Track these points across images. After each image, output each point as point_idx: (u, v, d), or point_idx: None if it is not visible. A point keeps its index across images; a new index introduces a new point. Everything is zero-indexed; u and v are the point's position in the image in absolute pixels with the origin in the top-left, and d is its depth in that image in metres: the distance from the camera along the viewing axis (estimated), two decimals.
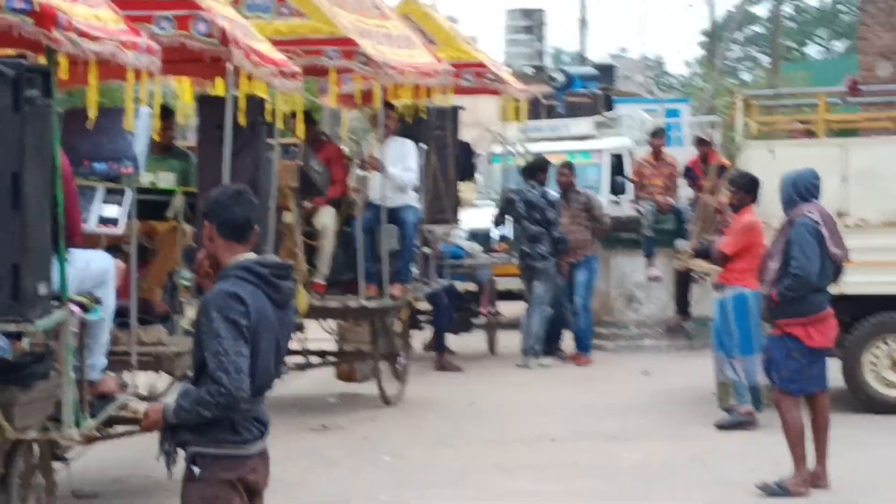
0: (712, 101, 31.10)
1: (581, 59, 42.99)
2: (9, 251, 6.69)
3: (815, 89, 17.96)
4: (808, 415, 10.02)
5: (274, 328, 5.72)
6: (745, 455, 11.06)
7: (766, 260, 10.17)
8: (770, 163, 12.52)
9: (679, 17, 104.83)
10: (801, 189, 10.02)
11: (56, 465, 9.33)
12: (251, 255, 5.74)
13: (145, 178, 11.07)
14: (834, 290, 11.88)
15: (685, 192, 18.06)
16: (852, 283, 12.20)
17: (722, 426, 12.24)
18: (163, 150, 11.08)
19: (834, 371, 12.55)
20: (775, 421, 11.22)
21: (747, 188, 11.96)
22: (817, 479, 9.95)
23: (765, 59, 65.18)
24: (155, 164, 11.12)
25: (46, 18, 6.71)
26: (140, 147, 8.49)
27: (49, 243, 7.07)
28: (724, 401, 12.40)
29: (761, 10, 68.41)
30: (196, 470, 5.61)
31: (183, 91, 11.35)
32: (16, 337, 7.79)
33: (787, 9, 72.72)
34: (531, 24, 44.17)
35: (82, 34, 7.12)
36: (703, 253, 12.79)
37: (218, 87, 10.39)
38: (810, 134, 13.97)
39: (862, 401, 12.77)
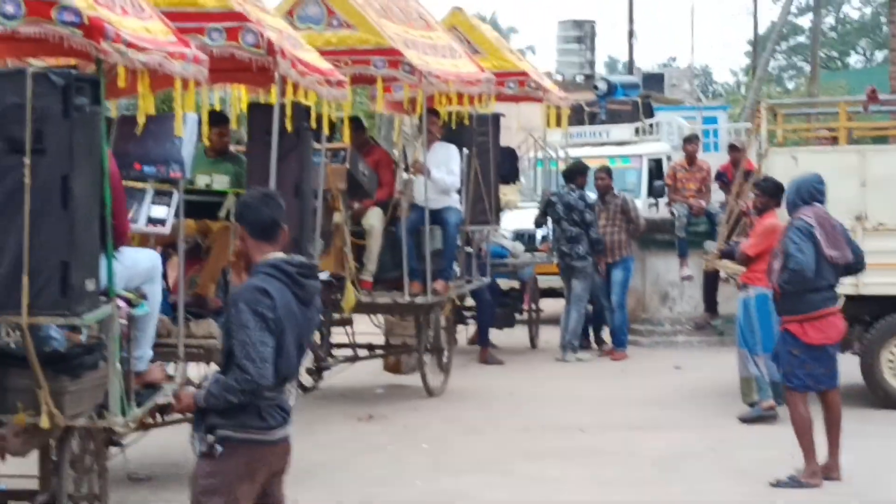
0: (753, 108, 30.92)
1: (630, 68, 42.83)
2: (58, 249, 6.72)
3: (835, 98, 17.86)
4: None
5: (298, 323, 5.84)
6: (762, 447, 11.08)
7: (771, 260, 10.17)
8: (793, 168, 12.46)
9: (726, 27, 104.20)
10: (804, 193, 10.03)
11: (113, 450, 9.56)
12: (280, 255, 5.87)
13: (201, 181, 11.22)
14: (853, 290, 11.96)
15: (718, 195, 18.00)
16: (871, 283, 12.29)
17: (744, 419, 12.26)
18: (218, 154, 11.22)
19: (853, 368, 12.58)
20: None
21: (771, 192, 11.92)
22: (829, 472, 9.95)
23: (808, 68, 64.83)
24: (210, 167, 11.27)
25: (95, 31, 6.77)
26: (187, 151, 8.55)
27: (97, 242, 7.11)
28: (748, 395, 12.39)
29: (805, 21, 67.98)
30: (219, 449, 5.70)
31: (239, 99, 11.45)
32: (71, 329, 7.93)
33: (830, 20, 72.34)
34: (582, 34, 44.29)
35: (130, 45, 7.15)
36: (729, 254, 12.78)
37: (272, 96, 10.46)
38: (836, 141, 13.92)
39: (879, 397, 12.74)
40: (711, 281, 16.89)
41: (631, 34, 40.41)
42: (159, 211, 8.50)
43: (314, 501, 9.47)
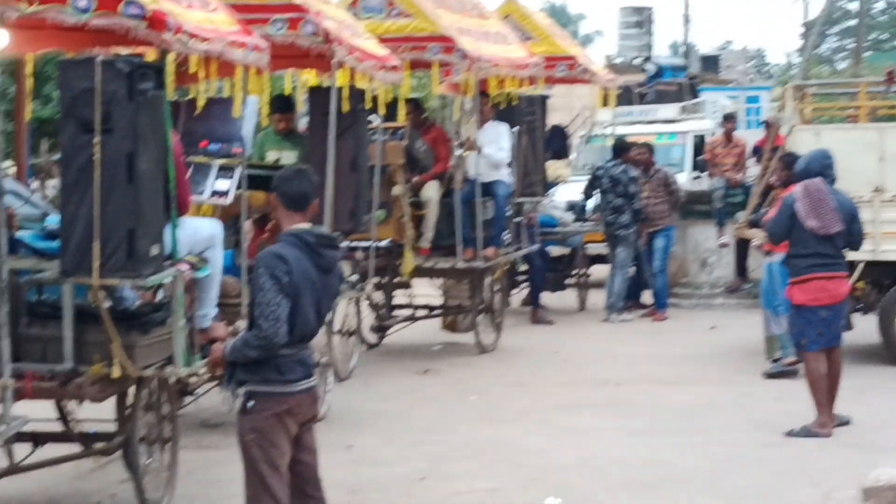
0: None
1: (686, 51, 42.46)
2: (125, 218, 6.86)
3: (857, 79, 17.70)
4: None
5: (316, 288, 5.95)
6: (782, 400, 11.09)
7: None
8: (816, 144, 12.41)
9: (781, 11, 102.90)
10: (813, 167, 10.00)
11: (188, 398, 9.80)
12: (304, 225, 5.97)
13: (271, 156, 11.43)
14: (871, 257, 11.97)
15: (755, 170, 17.91)
16: (888, 250, 12.24)
17: (768, 374, 12.26)
18: (286, 134, 11.38)
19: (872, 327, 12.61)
20: None
21: (792, 166, 11.88)
22: None
23: None
24: (280, 145, 11.46)
25: (157, 22, 6.87)
26: (247, 130, 8.74)
27: (161, 212, 7.24)
28: (771, 352, 12.41)
29: (855, 6, 66.95)
30: (249, 404, 5.87)
31: (307, 83, 11.60)
32: (147, 291, 8.13)
33: (881, 4, 71.17)
34: (641, 20, 43.82)
35: (192, 35, 7.26)
36: (756, 223, 12.75)
37: (340, 79, 10.53)
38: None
39: (895, 354, 12.67)
40: (743, 248, 16.87)
41: (686, 19, 40.14)
42: (222, 184, 8.68)
43: (367, 445, 9.66)
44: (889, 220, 12.11)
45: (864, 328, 12.76)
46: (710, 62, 46.52)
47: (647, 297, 17.01)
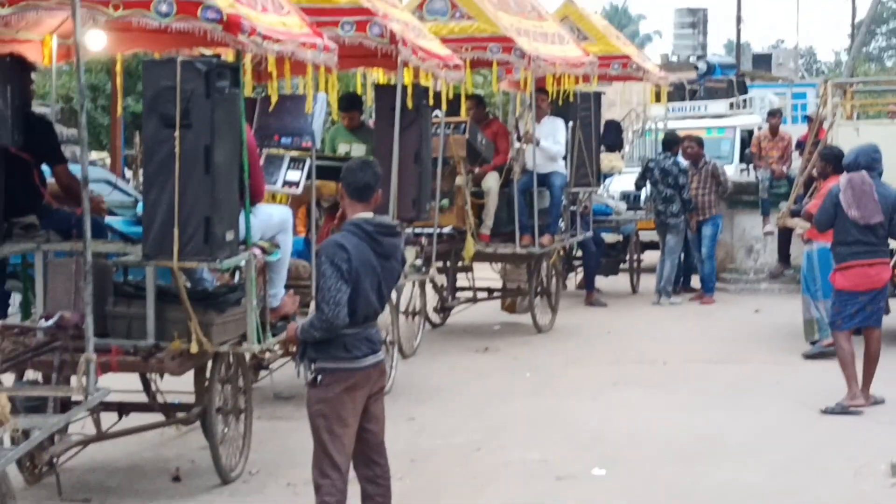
0: None
1: (738, 50, 42.06)
2: (202, 206, 6.97)
3: (893, 77, 17.48)
4: None
5: (376, 273, 6.03)
6: (819, 380, 11.02)
7: None
8: (855, 139, 12.33)
9: (831, 10, 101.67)
10: (861, 160, 9.94)
11: (262, 372, 9.92)
12: (367, 215, 6.05)
13: (342, 149, 11.54)
14: None
15: (798, 162, 17.77)
16: None
17: (807, 355, 12.20)
18: (356, 128, 11.50)
19: None
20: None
21: (831, 160, 11.82)
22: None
23: None
24: (349, 139, 11.60)
25: (233, 25, 6.98)
26: (317, 125, 8.82)
27: (236, 201, 7.36)
28: (810, 335, 12.35)
29: None
30: (319, 378, 5.97)
31: (375, 80, 11.68)
32: (225, 272, 8.25)
33: None
34: (695, 20, 43.47)
35: (265, 37, 7.35)
36: (797, 213, 12.68)
37: (406, 77, 10.59)
38: None
39: None
40: (785, 236, 16.75)
41: (739, 20, 39.74)
42: (293, 175, 8.78)
43: (427, 416, 9.74)
44: None
45: None
46: (763, 60, 46.07)
47: (695, 281, 16.95)
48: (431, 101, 10.64)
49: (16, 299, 8.88)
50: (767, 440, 9.05)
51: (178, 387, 8.25)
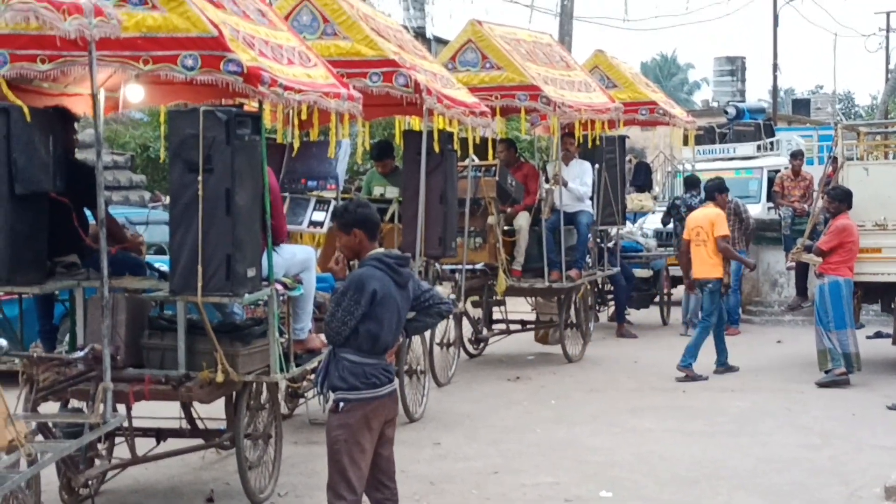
0: None
1: (775, 96, 41.70)
2: (224, 245, 6.99)
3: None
4: None
5: (396, 303, 6.01)
6: (828, 407, 10.85)
7: None
8: (864, 178, 12.19)
9: (868, 56, 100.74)
10: None
11: (298, 400, 9.89)
12: (380, 249, 6.08)
13: (377, 191, 11.55)
14: None
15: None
16: None
17: (820, 384, 11.99)
18: (388, 173, 11.52)
19: None
20: (864, 380, 11.04)
21: (839, 198, 11.70)
22: None
23: None
24: (383, 182, 11.61)
25: (253, 77, 6.98)
26: (341, 168, 8.82)
27: (258, 240, 7.36)
28: (823, 364, 12.14)
29: None
30: (340, 405, 5.93)
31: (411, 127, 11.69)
32: (257, 307, 8.24)
33: None
34: (734, 68, 43.29)
35: (287, 88, 7.37)
36: (810, 249, 12.50)
37: (440, 123, 10.58)
38: None
39: None
40: (802, 270, 16.46)
41: (775, 67, 39.37)
42: (319, 216, 8.77)
43: (452, 443, 9.65)
44: None
45: None
46: (802, 105, 45.59)
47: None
48: (458, 146, 10.61)
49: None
50: (769, 465, 8.86)
51: (210, 413, 8.26)
